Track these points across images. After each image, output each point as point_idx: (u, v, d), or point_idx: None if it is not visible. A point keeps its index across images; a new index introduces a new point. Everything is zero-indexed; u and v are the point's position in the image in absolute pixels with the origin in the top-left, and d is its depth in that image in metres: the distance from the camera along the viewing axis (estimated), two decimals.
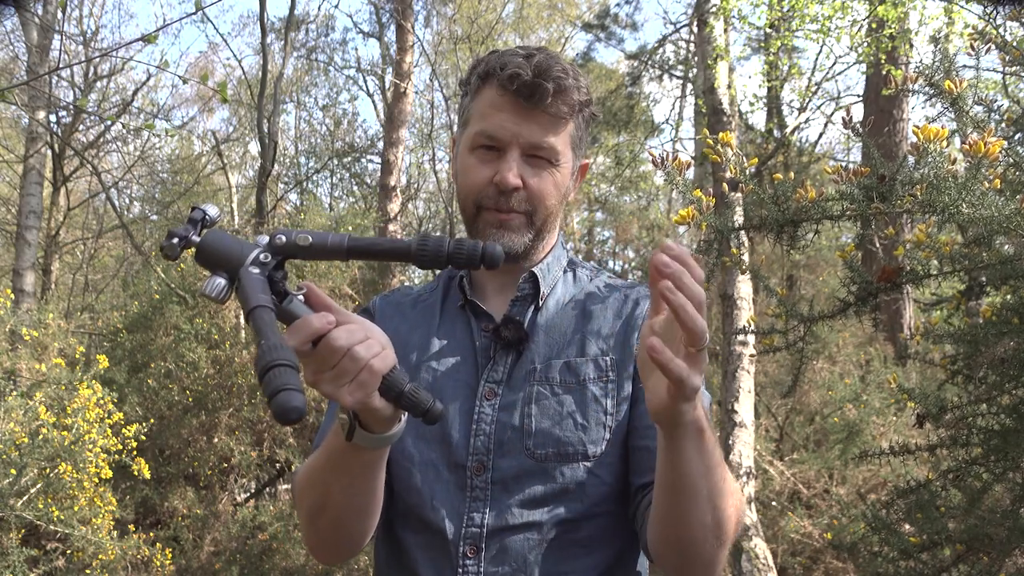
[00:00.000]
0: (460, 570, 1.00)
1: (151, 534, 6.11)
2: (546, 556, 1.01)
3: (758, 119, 9.88)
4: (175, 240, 0.81)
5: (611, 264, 15.26)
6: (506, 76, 1.05)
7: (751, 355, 5.40)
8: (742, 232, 1.82)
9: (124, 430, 5.48)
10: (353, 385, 0.80)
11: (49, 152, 9.30)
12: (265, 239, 0.82)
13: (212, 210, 0.84)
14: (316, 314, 0.80)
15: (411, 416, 0.86)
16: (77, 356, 6.63)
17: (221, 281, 0.79)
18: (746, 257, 1.92)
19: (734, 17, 6.80)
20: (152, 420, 6.37)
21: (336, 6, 23.87)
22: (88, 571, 5.29)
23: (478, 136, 1.09)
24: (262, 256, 0.80)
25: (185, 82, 3.39)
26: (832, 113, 10.14)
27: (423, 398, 0.84)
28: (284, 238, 0.81)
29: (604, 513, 1.04)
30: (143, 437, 5.73)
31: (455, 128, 1.22)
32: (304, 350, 0.79)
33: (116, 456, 5.40)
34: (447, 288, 1.19)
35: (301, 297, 0.83)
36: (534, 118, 1.06)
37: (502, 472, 1.02)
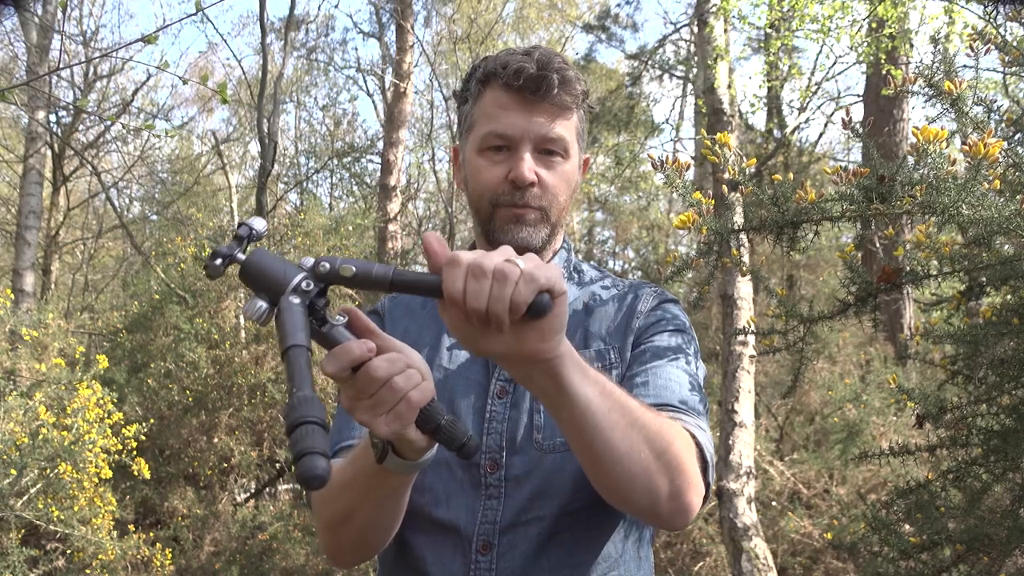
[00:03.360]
0: (472, 567, 1.01)
1: (151, 534, 6.11)
2: (557, 548, 1.02)
3: (758, 119, 9.88)
4: (219, 261, 0.80)
5: (611, 264, 15.26)
6: (511, 72, 1.06)
7: (751, 355, 5.40)
8: (742, 233, 1.82)
9: (124, 430, 5.49)
10: (390, 416, 0.79)
11: (49, 152, 9.30)
12: (309, 261, 0.79)
13: (259, 224, 0.82)
14: (357, 341, 0.79)
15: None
16: (77, 356, 6.63)
17: (263, 305, 0.77)
18: (746, 258, 1.92)
19: (734, 17, 6.79)
20: (152, 420, 6.38)
21: (336, 6, 23.88)
22: (88, 571, 5.30)
23: (487, 137, 1.09)
24: (304, 284, 0.78)
25: (185, 82, 3.39)
26: (832, 113, 10.14)
27: (460, 431, 0.83)
28: (328, 265, 0.79)
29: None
30: (143, 437, 5.73)
31: (456, 136, 1.22)
32: (343, 376, 0.78)
33: (116, 456, 5.41)
34: None
35: (343, 321, 0.81)
36: (542, 111, 1.07)
37: (515, 468, 1.03)
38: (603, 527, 1.05)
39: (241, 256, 0.80)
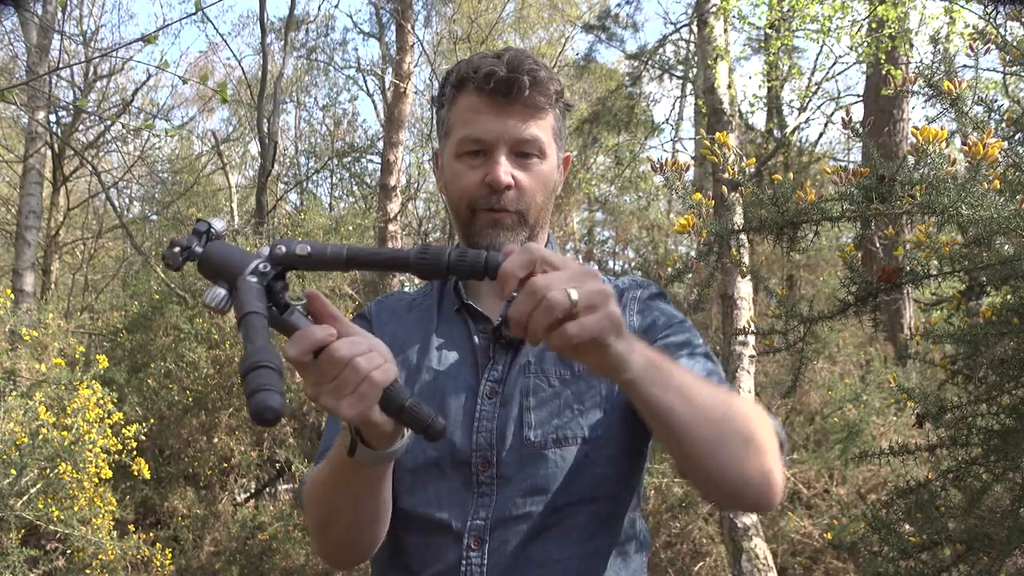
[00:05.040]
0: (464, 562, 1.01)
1: (151, 534, 6.11)
2: (547, 543, 1.02)
3: (758, 119, 9.88)
4: (177, 249, 0.80)
5: (611, 264, 15.27)
6: (481, 76, 1.06)
7: (751, 355, 5.39)
8: (741, 234, 1.82)
9: (124, 430, 5.48)
10: (354, 397, 0.79)
11: (49, 152, 9.30)
12: (266, 250, 0.81)
13: (218, 224, 0.83)
14: (318, 326, 0.80)
15: (412, 431, 0.85)
16: (77, 356, 6.63)
17: (221, 291, 0.78)
18: (746, 258, 1.92)
19: (734, 17, 6.80)
20: (152, 420, 6.38)
21: (336, 6, 23.87)
22: (88, 571, 5.29)
23: (463, 142, 1.10)
24: (261, 266, 0.79)
25: (185, 82, 3.39)
26: (832, 113, 10.14)
27: (424, 413, 0.83)
28: (284, 248, 0.80)
29: (603, 498, 1.05)
30: (143, 437, 5.73)
31: (435, 142, 1.22)
32: (305, 361, 0.78)
33: (116, 456, 5.40)
34: (442, 292, 1.20)
35: (302, 308, 0.82)
36: (515, 113, 1.08)
37: (506, 466, 1.04)
38: (599, 523, 1.06)
39: (199, 249, 0.81)
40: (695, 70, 9.09)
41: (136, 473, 5.64)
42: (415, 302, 1.21)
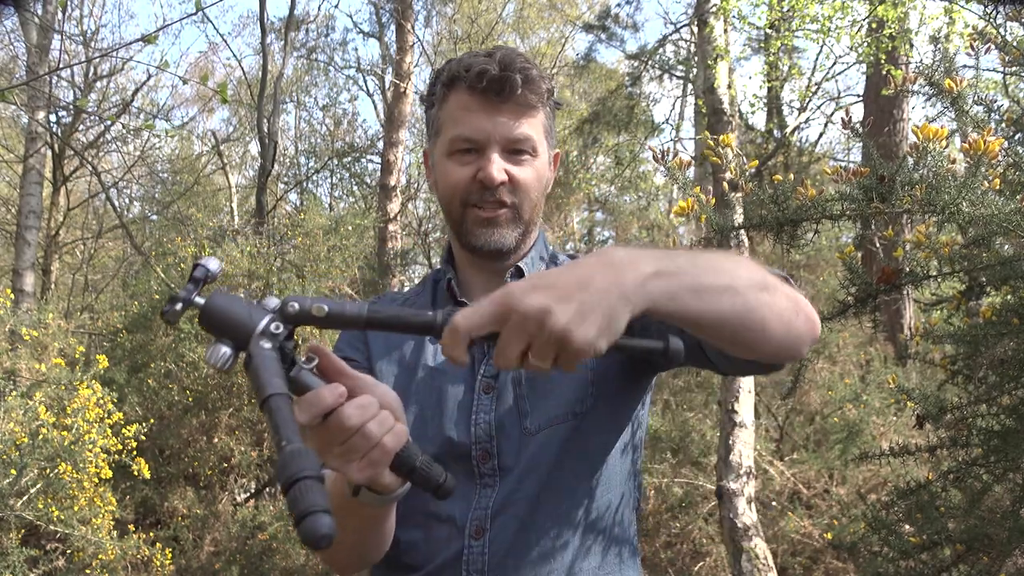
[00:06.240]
0: (466, 552, 1.02)
1: (151, 534, 6.11)
2: (544, 522, 1.04)
3: (758, 119, 9.87)
4: (178, 306, 0.76)
5: None
6: (474, 75, 1.06)
7: None
8: (742, 231, 1.82)
9: (124, 430, 5.48)
10: (364, 462, 0.77)
11: (49, 152, 9.30)
12: (274, 302, 0.76)
13: (212, 264, 0.79)
14: (327, 387, 0.76)
15: (418, 485, 0.82)
16: (77, 356, 6.62)
17: (226, 351, 0.73)
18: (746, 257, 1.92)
19: (734, 17, 6.79)
20: (152, 420, 6.37)
21: (336, 6, 23.87)
22: (88, 571, 5.29)
23: (454, 141, 1.09)
24: (272, 327, 0.74)
25: (185, 82, 3.39)
26: (832, 113, 10.13)
27: (436, 473, 0.80)
28: (296, 306, 0.75)
29: (596, 471, 1.07)
30: (143, 437, 5.73)
31: (425, 140, 1.22)
32: (313, 424, 0.76)
33: (116, 456, 5.40)
34: (435, 290, 1.20)
35: (312, 365, 0.78)
36: (507, 112, 1.08)
37: (506, 456, 1.04)
38: (596, 499, 1.07)
39: (200, 300, 0.76)
40: (695, 70, 9.09)
41: (136, 473, 5.64)
42: (408, 301, 1.22)
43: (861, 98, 9.06)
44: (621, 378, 1.09)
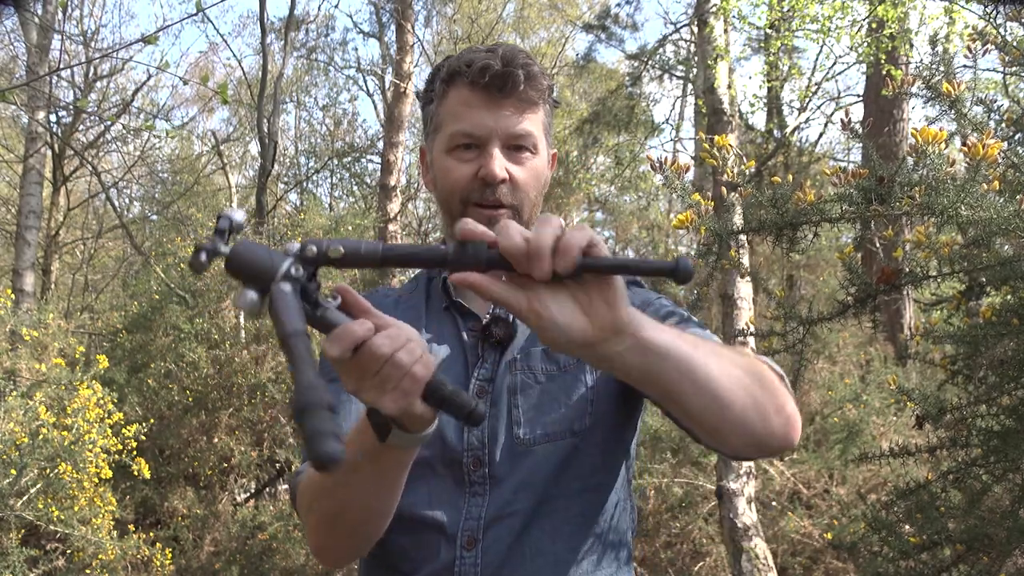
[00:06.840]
0: (457, 563, 1.00)
1: (151, 534, 6.11)
2: (539, 537, 1.02)
3: (758, 119, 9.87)
4: (203, 255, 0.77)
5: None
6: (476, 70, 1.05)
7: None
8: (741, 234, 1.82)
9: (124, 430, 5.48)
10: (397, 392, 0.79)
11: (49, 152, 9.30)
12: (295, 246, 0.78)
13: (238, 215, 0.80)
14: (355, 321, 0.78)
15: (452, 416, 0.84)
16: (77, 356, 6.63)
17: (253, 295, 0.76)
18: (745, 259, 1.92)
19: (734, 17, 6.79)
20: (152, 420, 6.38)
21: (336, 6, 23.86)
22: (88, 571, 5.30)
23: (455, 136, 1.08)
24: (293, 270, 0.76)
25: (185, 83, 3.40)
26: (832, 113, 10.13)
27: (465, 400, 0.83)
28: (315, 248, 0.78)
29: (593, 486, 1.06)
30: (143, 437, 5.73)
31: (423, 139, 1.21)
32: (345, 358, 0.77)
33: (116, 456, 5.40)
34: (428, 289, 1.18)
35: (336, 304, 0.81)
36: (508, 108, 1.07)
37: (498, 465, 1.03)
38: (591, 514, 1.06)
39: (225, 248, 0.78)
40: (695, 70, 9.09)
41: (136, 473, 5.64)
42: (402, 299, 1.19)
43: (861, 98, 9.07)
44: (620, 395, 1.08)
